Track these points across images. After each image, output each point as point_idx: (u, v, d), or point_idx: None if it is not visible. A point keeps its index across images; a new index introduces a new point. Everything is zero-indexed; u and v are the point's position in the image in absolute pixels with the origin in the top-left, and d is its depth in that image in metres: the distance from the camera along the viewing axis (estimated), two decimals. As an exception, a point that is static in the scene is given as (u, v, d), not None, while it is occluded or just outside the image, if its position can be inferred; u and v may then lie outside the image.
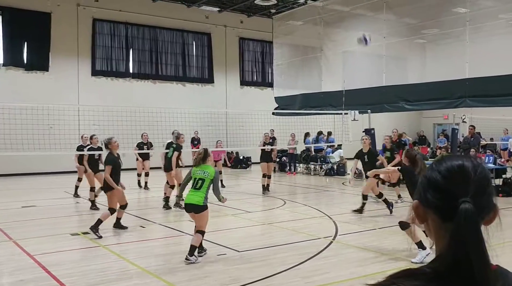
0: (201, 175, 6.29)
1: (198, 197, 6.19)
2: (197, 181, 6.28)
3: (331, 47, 19.37)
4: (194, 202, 6.19)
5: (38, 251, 6.71)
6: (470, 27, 14.31)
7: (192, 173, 6.39)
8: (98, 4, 20.61)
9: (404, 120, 27.18)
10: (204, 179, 6.26)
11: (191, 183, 6.36)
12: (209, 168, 6.39)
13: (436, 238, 1.12)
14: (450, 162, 1.13)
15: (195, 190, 6.25)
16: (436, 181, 1.10)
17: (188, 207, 6.26)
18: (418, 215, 1.15)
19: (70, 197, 12.69)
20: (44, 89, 18.91)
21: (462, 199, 1.04)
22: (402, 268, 4.07)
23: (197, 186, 6.25)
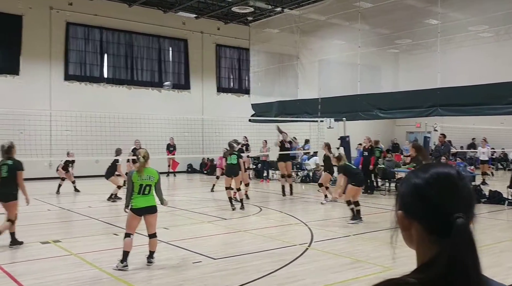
0: (147, 181, 6.23)
1: (150, 199, 6.25)
2: (144, 187, 6.22)
3: (307, 55, 19.58)
4: (149, 204, 6.21)
5: (6, 260, 6.53)
6: (441, 39, 14.69)
7: (135, 179, 6.21)
8: (72, 7, 20.27)
9: (378, 128, 27.58)
10: (151, 184, 6.27)
11: (136, 190, 6.20)
12: (153, 172, 6.34)
13: (419, 248, 1.11)
14: (436, 171, 1.11)
15: (143, 195, 6.22)
16: (425, 194, 1.08)
17: (142, 210, 6.19)
18: (402, 225, 1.13)
19: (40, 204, 12.36)
20: (14, 94, 18.42)
21: (456, 214, 1.03)
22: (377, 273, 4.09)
23: (145, 191, 6.22)
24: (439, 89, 14.19)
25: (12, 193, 7.30)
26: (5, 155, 7.41)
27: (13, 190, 7.30)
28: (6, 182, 7.28)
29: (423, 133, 20.66)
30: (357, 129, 22.31)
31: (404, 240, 1.18)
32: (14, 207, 7.37)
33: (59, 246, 7.48)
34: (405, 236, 1.15)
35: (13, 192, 7.31)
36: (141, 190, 6.20)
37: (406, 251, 4.50)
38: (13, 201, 7.33)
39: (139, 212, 6.22)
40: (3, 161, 7.39)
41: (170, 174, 20.83)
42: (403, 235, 1.16)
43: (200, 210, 11.13)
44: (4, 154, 7.41)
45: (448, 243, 1.01)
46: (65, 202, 12.58)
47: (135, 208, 6.20)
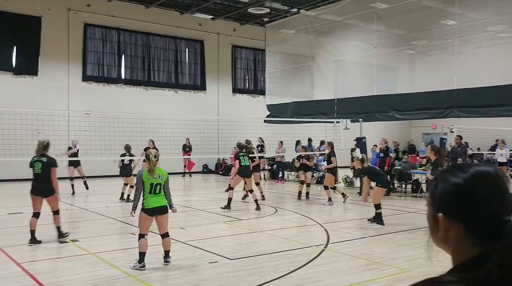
0: (158, 179, 6.27)
1: (161, 199, 6.28)
2: (155, 186, 6.25)
3: (323, 56, 19.53)
4: (160, 204, 6.23)
5: (25, 259, 6.61)
6: (459, 39, 14.52)
7: (145, 178, 6.24)
8: (89, 9, 20.53)
9: (394, 129, 27.37)
10: (161, 183, 6.29)
11: (147, 189, 6.23)
12: (162, 171, 6.37)
13: (457, 249, 1.09)
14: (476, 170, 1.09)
15: (154, 194, 6.24)
16: (469, 193, 1.07)
17: (154, 210, 6.22)
18: (443, 228, 1.10)
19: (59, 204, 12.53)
20: (33, 94, 18.73)
21: (506, 217, 1.03)
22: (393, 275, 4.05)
23: (156, 190, 6.26)
24: (456, 91, 14.04)
25: (51, 188, 7.70)
26: (41, 151, 7.76)
27: (50, 185, 7.69)
28: (41, 178, 7.67)
29: (439, 134, 20.42)
30: (373, 131, 22.19)
31: (437, 242, 1.16)
32: (55, 200, 7.82)
33: (77, 245, 7.57)
34: (441, 238, 1.12)
35: (51, 187, 7.71)
36: (152, 189, 6.23)
37: (423, 253, 4.47)
38: (54, 195, 7.75)
39: (150, 212, 6.24)
40: (38, 158, 7.73)
41: (185, 174, 20.95)
42: (438, 237, 1.14)
43: (216, 210, 11.17)
44: (41, 151, 7.77)
45: (498, 245, 1.00)
46: (83, 202, 12.75)
47: (147, 208, 6.22)
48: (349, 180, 17.55)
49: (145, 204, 6.24)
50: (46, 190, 7.69)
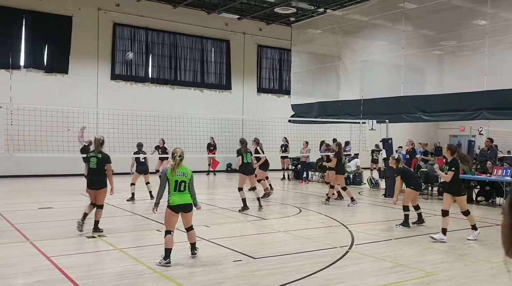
0: (182, 177, 6.38)
1: (186, 196, 6.38)
2: (179, 183, 6.36)
3: (349, 56, 19.36)
4: (185, 202, 6.35)
5: (54, 253, 6.77)
6: (490, 40, 14.18)
7: (169, 176, 6.35)
8: (119, 8, 20.90)
9: (421, 131, 26.96)
10: (186, 181, 6.40)
11: (172, 187, 6.35)
12: (186, 169, 6.49)
13: None
14: None
15: (179, 192, 6.36)
16: None
17: (179, 207, 6.34)
18: None
19: (86, 200, 12.81)
20: (63, 92, 19.20)
21: None
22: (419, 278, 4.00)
23: (181, 188, 6.36)
24: (485, 92, 13.72)
25: (102, 181, 8.23)
26: (98, 147, 8.32)
27: (103, 178, 8.23)
28: (95, 172, 8.23)
29: (467, 137, 20.00)
30: (399, 132, 21.89)
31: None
32: (103, 194, 8.30)
33: (104, 241, 7.73)
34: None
35: (104, 180, 8.24)
36: (177, 186, 6.34)
37: (449, 256, 4.42)
38: (103, 189, 8.25)
39: (175, 209, 6.36)
40: (95, 153, 8.30)
41: (210, 172, 21.11)
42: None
43: (239, 209, 11.21)
44: (98, 147, 8.32)
45: None
46: (110, 198, 12.94)
47: (172, 205, 6.34)
48: (374, 181, 17.37)
49: (170, 201, 6.36)
50: (98, 183, 8.22)
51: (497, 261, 6.76)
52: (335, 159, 12.78)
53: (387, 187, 14.59)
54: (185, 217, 6.45)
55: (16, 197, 13.26)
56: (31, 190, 14.84)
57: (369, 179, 17.60)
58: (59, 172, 18.51)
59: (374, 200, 14.10)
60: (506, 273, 1.24)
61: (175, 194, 6.33)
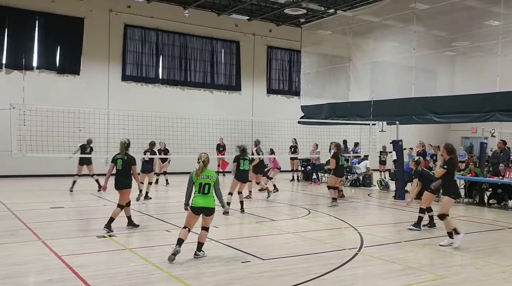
0: (206, 179, 6.60)
1: (209, 200, 6.60)
2: (203, 185, 6.59)
3: (359, 57, 19.29)
4: (207, 205, 6.57)
5: (65, 252, 6.84)
6: (503, 40, 14.04)
7: (194, 179, 6.64)
8: (130, 10, 21.06)
9: (432, 132, 26.75)
10: (210, 184, 6.62)
11: (196, 189, 6.62)
12: (211, 172, 6.73)
13: None
14: None
15: (203, 195, 6.59)
16: None
17: (200, 209, 6.58)
18: None
19: (97, 199, 12.95)
20: (75, 93, 19.40)
21: None
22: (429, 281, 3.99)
23: (205, 190, 6.59)
24: (498, 94, 13.59)
25: (126, 182, 8.56)
26: (123, 150, 8.69)
27: (127, 180, 8.58)
28: (121, 173, 8.59)
29: (479, 138, 19.82)
30: (409, 134, 21.75)
31: None
32: (127, 194, 8.63)
33: (114, 240, 7.79)
34: None
35: (128, 181, 8.58)
36: (201, 188, 6.58)
37: (460, 259, 4.41)
38: (127, 189, 8.58)
39: (197, 211, 6.58)
40: (121, 155, 8.68)
41: (219, 173, 21.14)
42: None
43: (248, 210, 11.22)
44: (123, 149, 8.69)
45: None
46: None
47: (194, 206, 6.56)
48: (384, 183, 17.28)
49: (193, 202, 6.61)
50: (122, 183, 8.54)
51: (509, 264, 6.69)
52: (333, 160, 12.73)
53: (397, 188, 14.50)
54: (205, 219, 6.70)
55: (29, 197, 13.41)
56: (43, 190, 15.00)
57: (379, 180, 17.50)
58: (70, 172, 18.63)
59: (384, 202, 14.02)
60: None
61: (199, 196, 6.59)
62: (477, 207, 13.06)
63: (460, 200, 13.68)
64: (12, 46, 18.87)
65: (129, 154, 8.76)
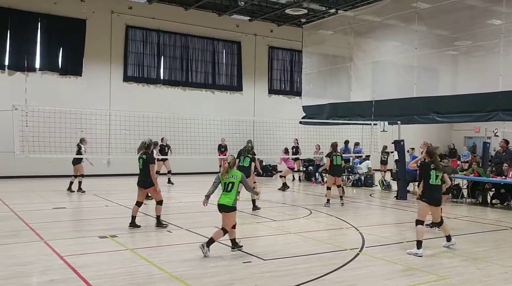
0: (230, 178, 6.98)
1: (228, 198, 6.92)
2: (227, 184, 6.96)
3: (361, 57, 19.27)
4: (225, 203, 6.92)
5: (67, 252, 6.86)
6: (505, 39, 14.01)
7: (221, 179, 7.02)
8: (131, 11, 21.10)
9: (434, 132, 26.70)
10: (234, 182, 6.96)
11: (222, 187, 7.00)
12: (237, 172, 7.08)
13: None
14: None
15: (226, 192, 6.96)
16: None
17: (220, 206, 6.95)
18: None
19: (98, 200, 12.97)
20: (77, 94, 19.43)
21: None
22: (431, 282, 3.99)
23: (228, 188, 6.95)
24: (501, 93, 13.55)
25: (148, 181, 8.78)
26: (143, 149, 8.91)
27: (148, 178, 8.79)
28: (142, 172, 8.85)
29: (482, 138, 19.78)
30: (411, 134, 21.71)
31: None
32: (152, 192, 8.90)
33: (115, 241, 7.80)
34: None
35: (149, 180, 8.78)
36: (225, 187, 6.97)
37: (462, 260, 4.40)
38: (151, 188, 8.82)
39: (219, 208, 6.99)
40: (141, 155, 8.93)
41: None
42: None
43: (250, 210, 11.23)
44: (143, 149, 8.90)
45: None
46: (122, 198, 13.08)
47: (218, 203, 6.99)
48: (386, 183, 17.25)
49: (218, 200, 7.02)
50: (145, 182, 8.82)
51: (510, 265, 6.67)
52: (328, 159, 12.79)
53: (399, 189, 14.48)
54: (224, 217, 6.98)
55: (31, 197, 13.44)
56: (46, 190, 15.02)
57: (381, 180, 17.48)
58: (71, 173, 18.69)
59: (386, 202, 14.01)
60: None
61: (222, 194, 7.01)
62: (480, 207, 13.03)
63: (463, 200, 13.66)
64: (15, 48, 18.92)
65: (149, 153, 8.92)
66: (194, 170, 20.88)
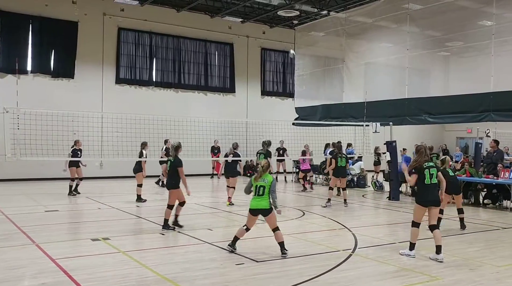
0: (262, 182, 7.03)
1: (264, 201, 6.98)
2: (258, 188, 7.02)
3: (353, 58, 19.34)
4: (261, 207, 6.98)
5: (60, 255, 6.82)
6: (496, 41, 14.11)
7: (253, 182, 7.11)
8: (123, 13, 21.04)
9: (426, 133, 26.83)
10: (265, 186, 7.00)
11: (254, 191, 7.11)
12: (268, 176, 7.12)
13: None
14: None
15: (258, 197, 7.02)
16: None
17: (256, 211, 7.02)
18: None
19: (91, 203, 12.90)
20: (69, 96, 19.34)
21: None
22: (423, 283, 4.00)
23: (260, 192, 7.02)
24: (492, 94, 13.65)
25: (172, 183, 8.96)
26: (173, 152, 9.10)
27: (172, 180, 8.98)
28: (169, 175, 9.08)
29: (474, 139, 19.89)
30: (404, 134, 21.80)
31: None
32: (173, 195, 8.96)
33: (108, 244, 7.76)
34: None
35: (173, 182, 8.95)
36: (257, 191, 7.04)
37: (455, 260, 4.41)
38: (173, 190, 8.92)
39: (253, 212, 7.05)
40: (170, 157, 9.13)
41: (214, 176, 21.14)
42: None
43: (243, 212, 11.20)
44: (173, 152, 9.09)
45: None
46: (115, 201, 13.03)
47: (250, 208, 7.06)
48: (378, 184, 17.31)
49: (250, 204, 7.07)
50: (170, 184, 9.00)
51: (503, 265, 6.72)
52: (332, 160, 13.06)
53: (392, 189, 14.53)
54: (266, 220, 7.06)
55: (23, 200, 13.35)
56: (38, 193, 14.93)
57: (373, 181, 17.53)
58: (64, 176, 18.59)
59: (378, 203, 14.06)
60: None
61: (254, 198, 7.07)
62: (472, 207, 13.10)
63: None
64: (6, 50, 18.79)
65: (178, 156, 9.04)
66: (187, 172, 20.65)
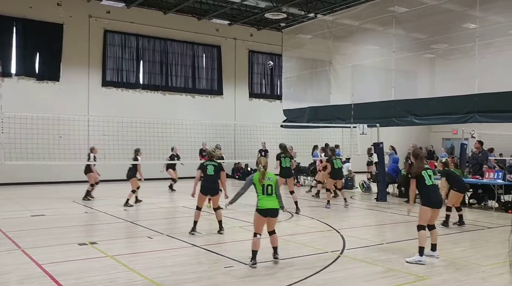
0: (268, 181, 6.72)
1: (275, 201, 6.69)
2: (266, 187, 6.70)
3: (340, 60, 19.46)
4: (274, 206, 6.64)
5: (46, 260, 6.74)
6: (480, 43, 14.32)
7: (256, 180, 6.76)
8: (109, 15, 20.90)
9: (413, 134, 27.08)
10: (272, 185, 6.73)
11: (260, 190, 6.69)
12: (271, 174, 6.87)
13: None
14: None
15: (268, 196, 6.67)
16: None
17: (267, 211, 6.60)
18: None
19: (78, 207, 12.78)
20: (55, 99, 19.14)
21: None
22: (411, 283, 4.04)
23: (268, 191, 6.68)
24: (477, 95, 13.84)
25: (216, 188, 8.90)
26: (215, 157, 9.05)
27: (217, 185, 8.92)
28: (212, 179, 8.85)
29: (459, 140, 20.12)
30: (391, 136, 21.95)
31: None
32: (217, 199, 8.93)
33: (95, 248, 7.69)
34: None
35: (217, 187, 8.92)
36: (264, 190, 6.68)
37: (441, 260, 4.46)
38: (218, 194, 8.91)
39: (264, 213, 6.60)
40: (211, 162, 8.96)
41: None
42: None
43: (231, 214, 11.20)
44: (213, 156, 9.03)
45: None
46: (102, 205, 12.93)
47: (260, 209, 6.59)
48: (366, 185, 17.42)
49: (259, 205, 6.62)
50: (213, 189, 8.83)
51: (487, 264, 6.80)
52: (328, 165, 13.25)
53: (379, 191, 14.64)
54: (271, 221, 6.71)
55: (8, 205, 13.17)
56: (23, 198, 14.74)
57: (361, 183, 17.65)
58: (51, 180, 18.40)
59: (366, 204, 14.15)
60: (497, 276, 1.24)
61: (264, 197, 6.64)
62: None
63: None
64: (-11, 53, 18.55)
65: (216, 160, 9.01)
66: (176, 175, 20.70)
